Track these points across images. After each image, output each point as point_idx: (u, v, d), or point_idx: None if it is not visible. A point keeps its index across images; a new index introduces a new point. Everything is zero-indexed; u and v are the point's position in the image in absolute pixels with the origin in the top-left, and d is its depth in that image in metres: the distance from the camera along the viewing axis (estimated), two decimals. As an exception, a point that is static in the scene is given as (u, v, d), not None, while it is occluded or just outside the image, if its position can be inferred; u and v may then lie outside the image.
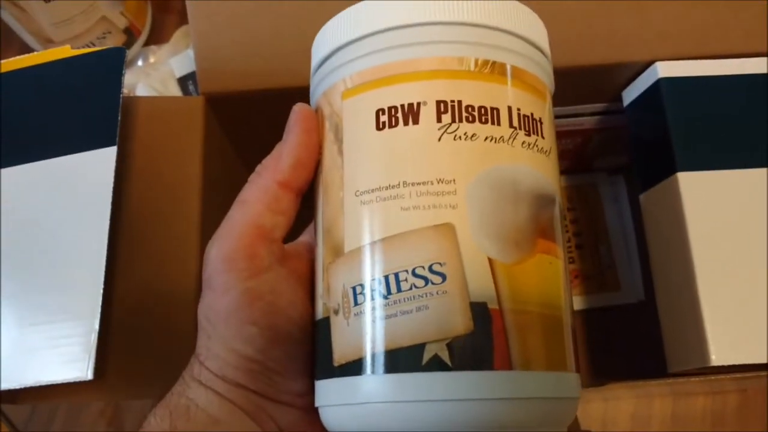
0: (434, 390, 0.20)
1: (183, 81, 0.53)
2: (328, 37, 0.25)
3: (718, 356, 0.29)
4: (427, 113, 0.22)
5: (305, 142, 0.24)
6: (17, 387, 0.27)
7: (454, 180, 0.21)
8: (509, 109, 0.23)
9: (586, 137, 0.45)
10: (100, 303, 0.28)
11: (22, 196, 0.31)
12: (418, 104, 0.22)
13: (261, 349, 0.24)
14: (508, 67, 0.23)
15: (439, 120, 0.22)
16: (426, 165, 0.22)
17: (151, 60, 0.57)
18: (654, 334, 0.33)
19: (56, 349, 0.28)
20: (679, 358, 0.32)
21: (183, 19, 0.59)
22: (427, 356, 0.20)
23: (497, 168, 0.22)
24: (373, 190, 0.22)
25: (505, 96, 0.23)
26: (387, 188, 0.22)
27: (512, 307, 0.21)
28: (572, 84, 0.35)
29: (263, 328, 0.23)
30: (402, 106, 0.22)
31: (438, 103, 0.22)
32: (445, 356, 0.20)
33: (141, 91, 0.53)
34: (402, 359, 0.20)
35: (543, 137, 0.23)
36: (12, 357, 0.28)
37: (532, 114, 0.23)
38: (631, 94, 0.37)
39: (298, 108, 0.25)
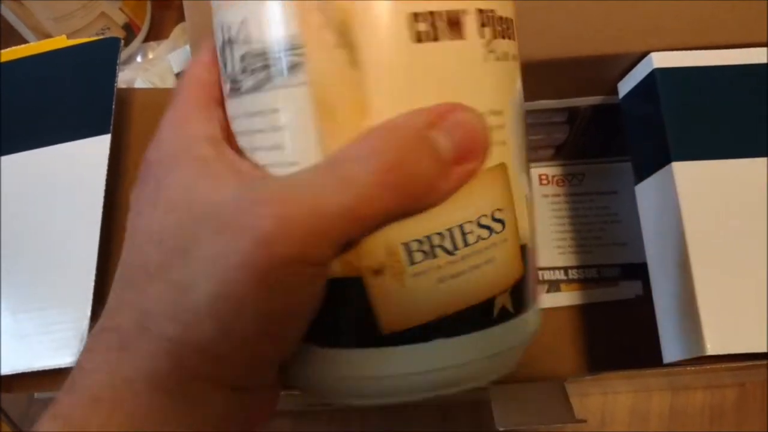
0: (506, 340, 0.19)
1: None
2: None
3: (713, 346, 0.29)
4: (470, 25, 0.18)
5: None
6: (10, 373, 0.27)
7: (502, 111, 0.19)
8: (513, 21, 0.20)
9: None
10: (92, 289, 0.28)
11: (15, 185, 0.31)
12: (461, 13, 0.18)
13: None
14: None
15: (481, 35, 0.18)
16: (478, 93, 0.18)
17: (150, 56, 0.57)
18: (651, 329, 0.33)
19: (48, 335, 0.28)
20: (674, 348, 0.32)
21: (182, 16, 0.58)
22: (496, 309, 0.19)
23: (519, 92, 0.20)
24: None
25: (513, 6, 0.20)
26: None
27: (532, 243, 0.20)
28: (568, 76, 0.35)
29: None
30: (443, 13, 0.18)
31: (479, 12, 0.18)
32: (509, 305, 0.19)
33: (139, 85, 0.53)
34: (475, 317, 0.19)
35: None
36: (4, 344, 0.28)
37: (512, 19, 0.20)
38: (626, 86, 0.36)
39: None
